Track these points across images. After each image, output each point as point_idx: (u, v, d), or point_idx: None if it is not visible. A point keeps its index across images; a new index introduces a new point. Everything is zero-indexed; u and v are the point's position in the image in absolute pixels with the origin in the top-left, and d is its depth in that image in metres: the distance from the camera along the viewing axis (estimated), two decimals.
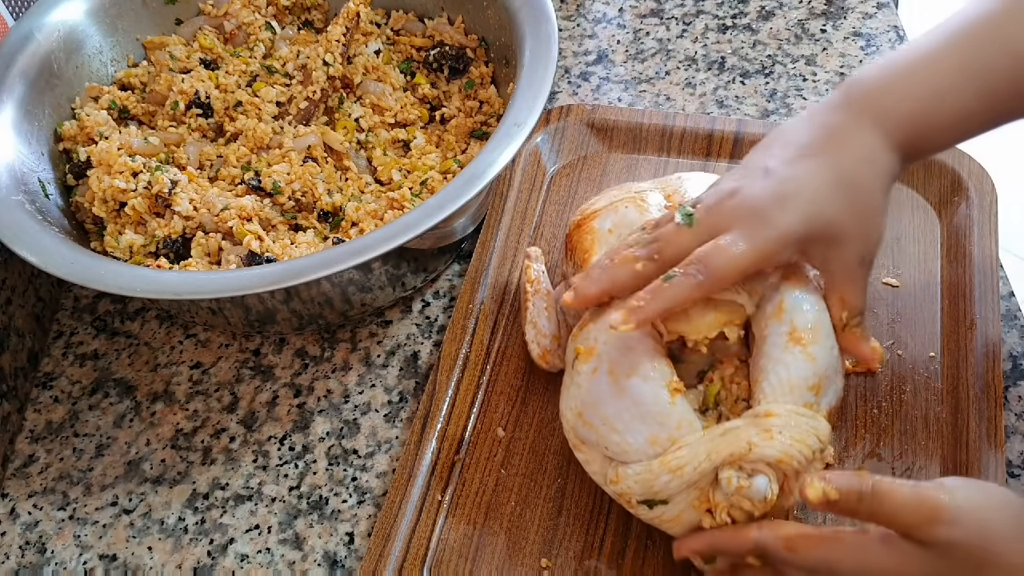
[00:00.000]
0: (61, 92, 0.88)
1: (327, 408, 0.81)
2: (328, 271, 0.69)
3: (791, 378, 0.62)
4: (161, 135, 0.87)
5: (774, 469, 0.60)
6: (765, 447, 0.59)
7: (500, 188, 0.90)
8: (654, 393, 0.62)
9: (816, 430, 0.61)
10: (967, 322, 0.76)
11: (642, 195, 0.75)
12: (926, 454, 0.71)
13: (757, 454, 0.59)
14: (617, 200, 0.76)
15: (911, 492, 0.54)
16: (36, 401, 0.84)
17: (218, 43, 0.94)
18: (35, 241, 0.74)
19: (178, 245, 0.80)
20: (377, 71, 0.91)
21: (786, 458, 0.60)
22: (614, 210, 0.75)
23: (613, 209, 0.75)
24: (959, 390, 0.73)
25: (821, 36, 1.04)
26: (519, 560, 0.69)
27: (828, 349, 0.64)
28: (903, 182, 0.85)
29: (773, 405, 0.61)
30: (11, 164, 0.80)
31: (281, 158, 0.84)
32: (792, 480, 0.61)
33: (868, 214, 0.64)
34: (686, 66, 1.03)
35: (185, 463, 0.79)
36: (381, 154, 0.87)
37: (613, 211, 0.75)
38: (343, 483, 0.76)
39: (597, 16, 1.10)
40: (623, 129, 0.94)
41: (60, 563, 0.74)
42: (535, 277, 0.80)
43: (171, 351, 0.86)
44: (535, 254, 0.82)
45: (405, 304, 0.87)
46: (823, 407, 0.63)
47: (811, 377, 0.62)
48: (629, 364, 0.63)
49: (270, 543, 0.74)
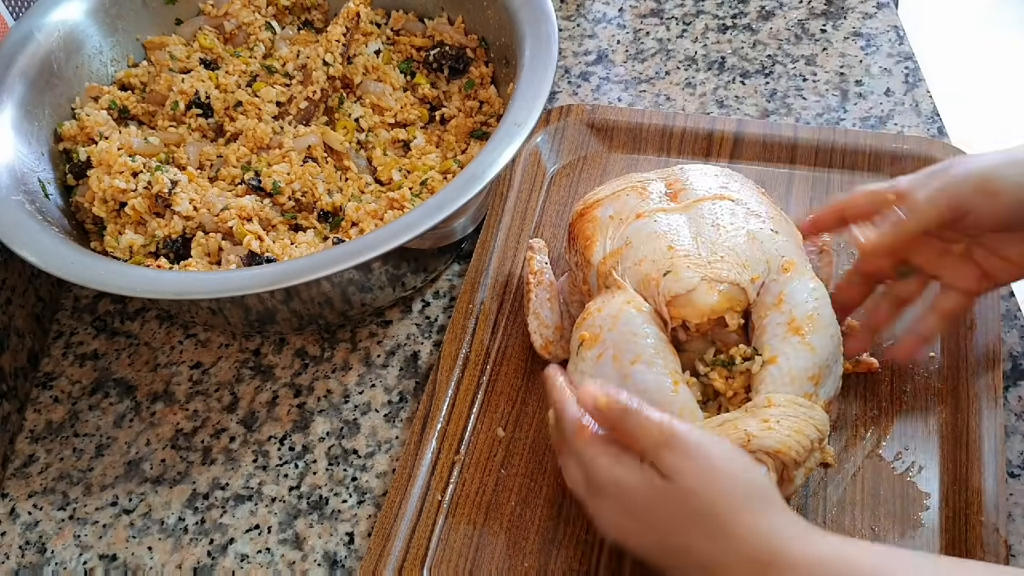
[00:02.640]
0: (61, 92, 0.88)
1: (327, 408, 0.81)
2: (328, 271, 0.69)
3: (791, 368, 0.63)
4: (161, 135, 0.87)
5: (772, 459, 0.60)
6: (764, 437, 0.60)
7: (500, 188, 0.90)
8: (657, 380, 0.63)
9: (814, 420, 0.61)
10: (967, 322, 0.76)
11: (644, 183, 0.76)
12: (926, 454, 0.71)
13: (756, 444, 0.60)
14: (619, 189, 0.76)
15: (659, 417, 0.57)
16: (36, 401, 0.84)
17: (218, 43, 0.94)
18: (35, 241, 0.74)
19: (178, 245, 0.80)
20: (377, 71, 0.91)
21: (784, 448, 0.60)
22: (616, 198, 0.75)
23: (615, 197, 0.75)
24: (959, 390, 0.73)
25: (821, 36, 1.04)
26: (519, 560, 0.69)
27: (828, 339, 0.64)
28: None
29: (772, 395, 0.62)
30: (11, 164, 0.79)
31: (281, 158, 0.84)
32: (791, 469, 0.61)
33: None
34: (686, 66, 1.03)
35: (185, 463, 0.79)
36: (381, 154, 0.87)
37: (615, 199, 0.75)
38: (343, 483, 0.76)
39: (597, 16, 1.10)
40: (623, 129, 0.94)
41: (60, 563, 0.74)
42: (538, 268, 0.80)
43: (171, 351, 0.86)
44: (538, 246, 0.83)
45: (405, 304, 0.87)
46: (821, 397, 0.63)
47: (811, 368, 0.63)
48: (633, 351, 0.64)
49: (270, 543, 0.74)
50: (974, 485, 0.68)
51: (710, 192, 0.73)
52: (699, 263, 0.67)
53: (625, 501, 0.58)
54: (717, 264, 0.67)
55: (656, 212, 0.72)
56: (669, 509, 0.56)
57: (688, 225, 0.71)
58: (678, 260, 0.68)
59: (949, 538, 0.66)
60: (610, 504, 0.59)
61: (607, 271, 0.70)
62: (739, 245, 0.69)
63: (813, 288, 0.66)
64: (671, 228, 0.71)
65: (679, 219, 0.71)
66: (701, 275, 0.67)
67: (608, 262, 0.71)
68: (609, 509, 0.60)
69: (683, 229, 0.70)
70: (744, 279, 0.66)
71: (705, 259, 0.68)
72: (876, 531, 0.67)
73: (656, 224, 0.71)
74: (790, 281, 0.66)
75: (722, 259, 0.68)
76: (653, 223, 0.71)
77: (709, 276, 0.66)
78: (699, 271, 0.67)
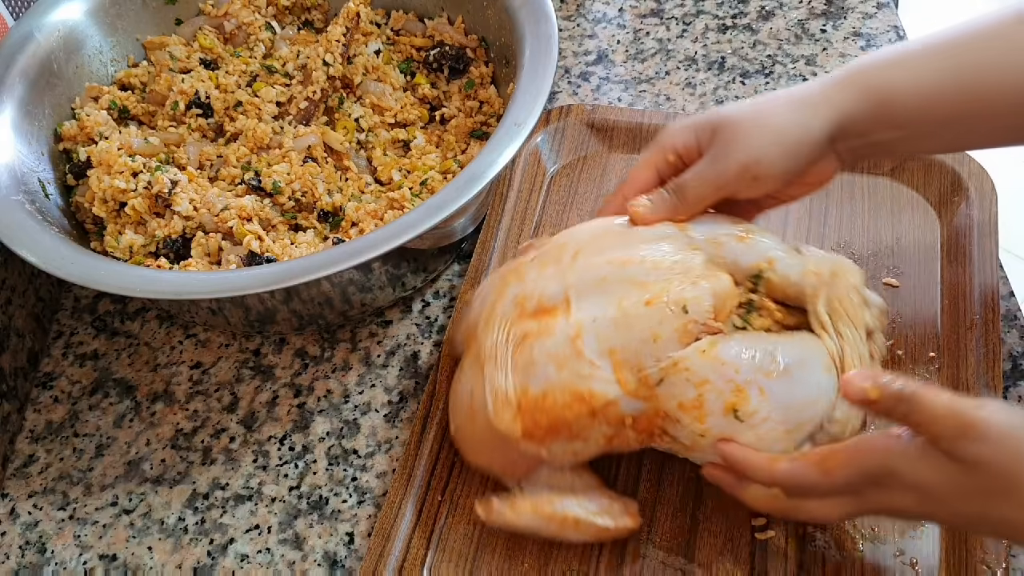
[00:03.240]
0: (61, 92, 0.88)
1: (327, 408, 0.81)
2: (328, 271, 0.69)
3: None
4: (161, 135, 0.87)
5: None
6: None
7: (500, 188, 0.90)
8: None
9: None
10: (967, 322, 0.76)
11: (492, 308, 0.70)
12: None
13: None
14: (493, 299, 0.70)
15: (947, 402, 0.54)
16: (36, 401, 0.84)
17: (218, 43, 0.94)
18: (35, 241, 0.74)
19: (178, 245, 0.80)
20: (377, 71, 0.91)
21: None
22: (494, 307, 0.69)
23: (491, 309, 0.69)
24: (959, 390, 0.73)
25: (821, 36, 1.04)
26: (519, 560, 0.69)
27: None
28: (903, 182, 0.86)
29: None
30: (11, 164, 0.79)
31: (281, 158, 0.84)
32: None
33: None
34: (686, 66, 1.03)
35: (185, 463, 0.79)
36: (381, 154, 0.87)
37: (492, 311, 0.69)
38: (343, 483, 0.76)
39: (597, 16, 1.10)
40: (623, 129, 0.94)
41: (60, 563, 0.74)
42: None
43: (171, 351, 0.86)
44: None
45: (405, 304, 0.87)
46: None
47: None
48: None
49: (270, 543, 0.74)
50: None
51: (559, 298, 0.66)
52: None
53: (922, 500, 0.56)
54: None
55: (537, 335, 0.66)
56: (978, 499, 0.54)
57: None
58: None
59: (949, 538, 0.66)
60: (899, 503, 0.57)
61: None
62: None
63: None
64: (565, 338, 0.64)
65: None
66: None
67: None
68: (898, 505, 0.57)
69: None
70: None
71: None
72: (876, 531, 0.67)
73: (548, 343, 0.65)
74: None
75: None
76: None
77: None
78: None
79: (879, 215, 0.84)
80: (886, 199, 0.85)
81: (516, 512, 0.66)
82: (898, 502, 0.57)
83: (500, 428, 0.64)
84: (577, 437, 0.64)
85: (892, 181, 0.86)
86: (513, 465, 0.68)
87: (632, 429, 0.64)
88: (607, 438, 0.65)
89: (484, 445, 0.69)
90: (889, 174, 0.86)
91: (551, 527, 0.66)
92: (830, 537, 0.68)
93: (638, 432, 0.65)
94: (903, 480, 0.56)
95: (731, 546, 0.68)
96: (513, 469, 0.69)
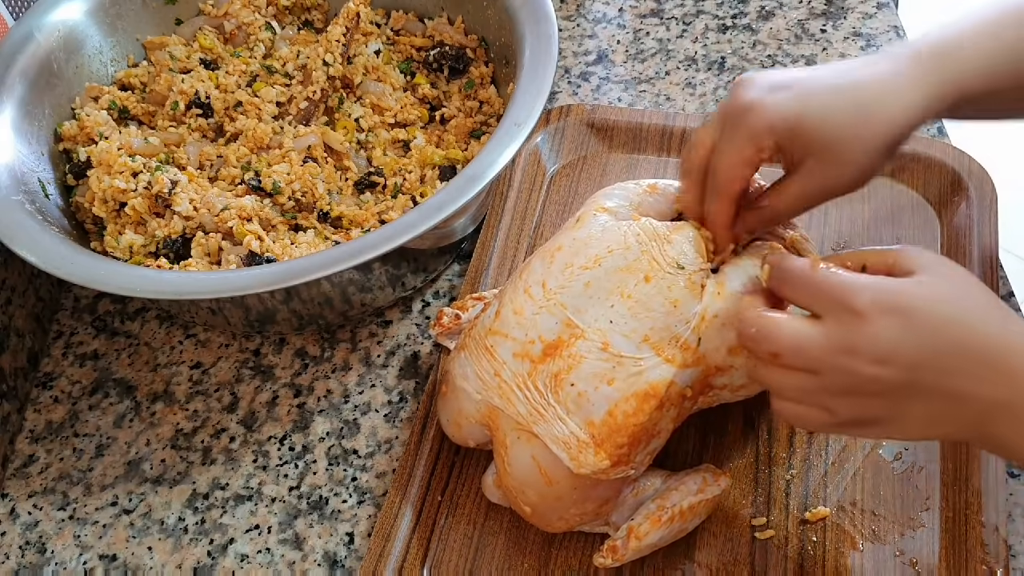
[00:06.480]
0: (61, 92, 0.88)
1: (327, 408, 0.81)
2: (328, 271, 0.69)
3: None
4: (161, 135, 0.87)
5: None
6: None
7: (500, 188, 0.90)
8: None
9: None
10: None
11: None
12: (926, 454, 0.71)
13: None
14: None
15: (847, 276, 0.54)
16: (36, 401, 0.84)
17: (218, 43, 0.94)
18: (35, 241, 0.74)
19: (178, 245, 0.80)
20: (377, 71, 0.91)
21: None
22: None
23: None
24: None
25: (821, 36, 1.04)
26: (519, 560, 0.69)
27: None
28: (903, 182, 0.85)
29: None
30: (11, 164, 0.80)
31: (281, 158, 0.84)
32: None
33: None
34: (686, 66, 1.03)
35: (185, 463, 0.79)
36: (381, 154, 0.87)
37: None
38: (343, 483, 0.76)
39: (597, 16, 1.10)
40: (623, 129, 0.94)
41: (60, 563, 0.74)
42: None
43: (171, 351, 0.86)
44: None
45: (405, 304, 0.87)
46: None
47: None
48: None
49: (270, 543, 0.74)
50: (974, 485, 0.68)
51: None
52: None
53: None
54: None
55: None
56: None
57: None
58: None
59: (949, 538, 0.66)
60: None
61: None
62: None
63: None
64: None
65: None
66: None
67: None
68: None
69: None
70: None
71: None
72: (876, 531, 0.67)
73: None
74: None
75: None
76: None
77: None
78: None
79: (879, 215, 0.84)
80: (886, 199, 0.85)
81: (639, 538, 0.65)
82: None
83: (588, 471, 0.63)
84: (654, 436, 0.64)
85: (892, 181, 0.86)
86: (602, 504, 0.67)
87: (690, 400, 0.65)
88: (674, 421, 0.66)
89: (569, 504, 0.66)
90: (889, 174, 0.86)
91: (674, 529, 0.66)
92: (830, 537, 0.68)
93: (694, 400, 0.66)
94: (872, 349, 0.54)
95: (731, 546, 0.68)
96: (603, 509, 0.67)
